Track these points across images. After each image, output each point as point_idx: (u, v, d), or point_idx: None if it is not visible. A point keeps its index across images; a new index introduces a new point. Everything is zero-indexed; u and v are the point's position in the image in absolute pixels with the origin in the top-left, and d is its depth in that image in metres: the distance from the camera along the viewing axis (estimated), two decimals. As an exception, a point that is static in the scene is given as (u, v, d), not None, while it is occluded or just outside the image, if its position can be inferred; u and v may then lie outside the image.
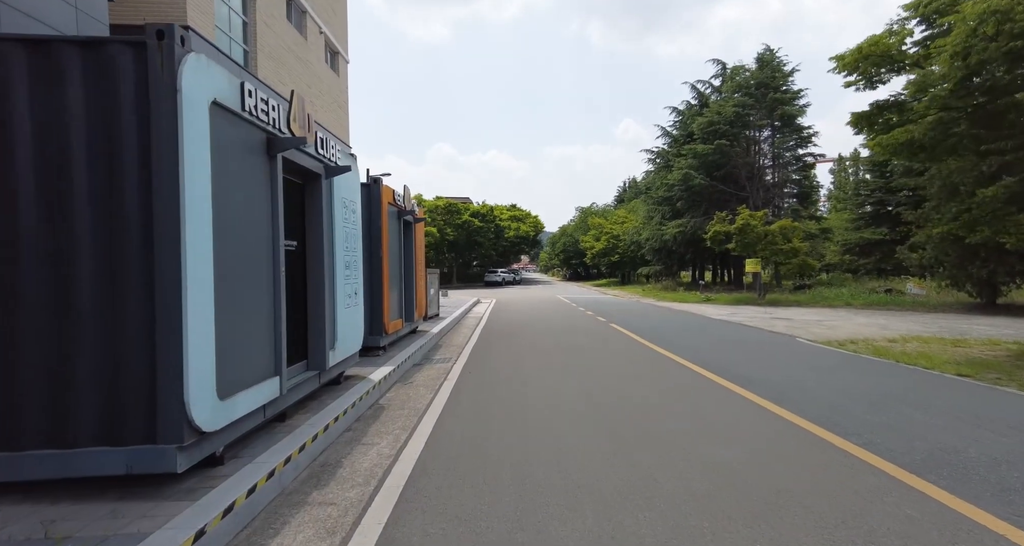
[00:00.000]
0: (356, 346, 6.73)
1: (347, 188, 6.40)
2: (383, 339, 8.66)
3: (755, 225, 23.98)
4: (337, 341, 5.96)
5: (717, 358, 9.14)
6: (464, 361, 9.22)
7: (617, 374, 7.82)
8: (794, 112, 32.20)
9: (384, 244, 8.59)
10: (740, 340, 11.73)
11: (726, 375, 7.58)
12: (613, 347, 10.69)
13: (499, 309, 21.87)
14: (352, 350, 6.58)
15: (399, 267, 9.74)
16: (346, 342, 6.28)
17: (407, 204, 10.02)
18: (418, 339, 10.68)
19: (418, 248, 11.46)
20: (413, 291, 10.96)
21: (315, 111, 16.58)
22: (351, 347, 6.51)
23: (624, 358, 9.29)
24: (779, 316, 18.42)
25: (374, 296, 8.51)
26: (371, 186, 8.47)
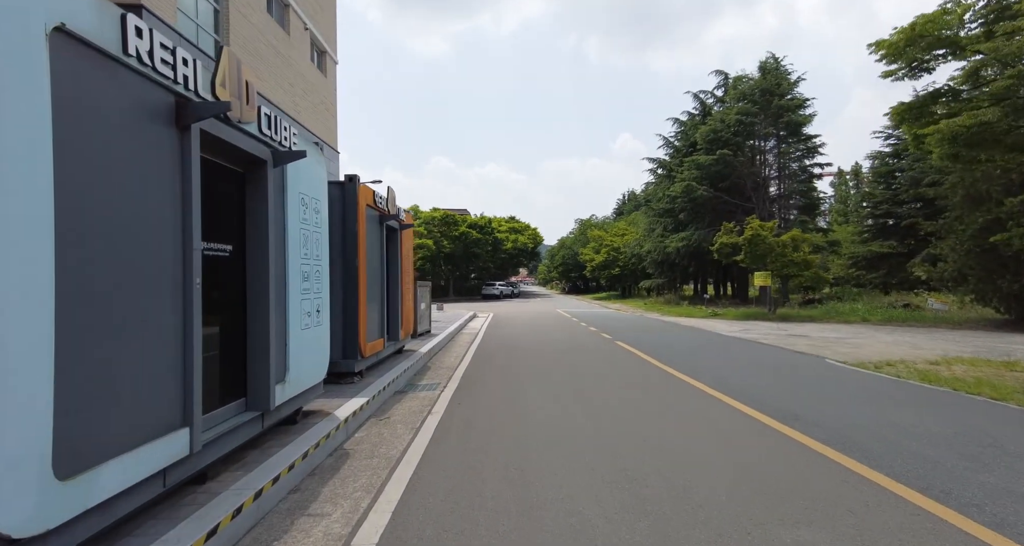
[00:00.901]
0: (319, 375, 5.51)
1: (308, 182, 5.22)
2: (359, 363, 7.43)
3: (765, 236, 22.87)
4: (290, 372, 4.74)
5: (746, 385, 7.91)
6: (454, 388, 7.98)
7: (635, 408, 6.58)
8: (800, 120, 31.33)
9: (361, 252, 7.40)
10: (763, 362, 10.50)
11: (766, 410, 6.35)
12: (624, 371, 9.45)
13: (496, 324, 20.63)
14: (313, 380, 5.36)
15: (380, 279, 8.55)
16: (303, 372, 5.05)
17: (391, 208, 8.86)
18: (403, 361, 9.43)
19: (405, 258, 10.28)
20: (398, 306, 9.75)
21: (299, 110, 15.49)
22: (311, 377, 5.29)
23: (639, 386, 8.05)
24: (795, 333, 17.23)
25: (348, 313, 7.29)
26: (346, 185, 7.31)
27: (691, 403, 6.80)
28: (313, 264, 5.36)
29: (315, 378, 5.41)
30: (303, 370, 5.06)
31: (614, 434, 5.38)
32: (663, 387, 7.87)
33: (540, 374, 9.09)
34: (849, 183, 68.25)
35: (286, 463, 4.11)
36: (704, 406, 6.63)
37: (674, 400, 6.99)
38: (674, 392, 7.50)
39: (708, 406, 6.63)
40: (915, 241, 35.05)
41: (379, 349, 8.39)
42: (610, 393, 7.43)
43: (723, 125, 32.20)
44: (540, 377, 8.78)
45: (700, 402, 6.86)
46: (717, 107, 38.02)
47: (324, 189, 5.72)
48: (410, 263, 10.93)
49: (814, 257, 23.15)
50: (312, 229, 5.35)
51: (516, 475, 4.24)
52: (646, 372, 9.24)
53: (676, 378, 8.59)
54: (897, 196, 34.77)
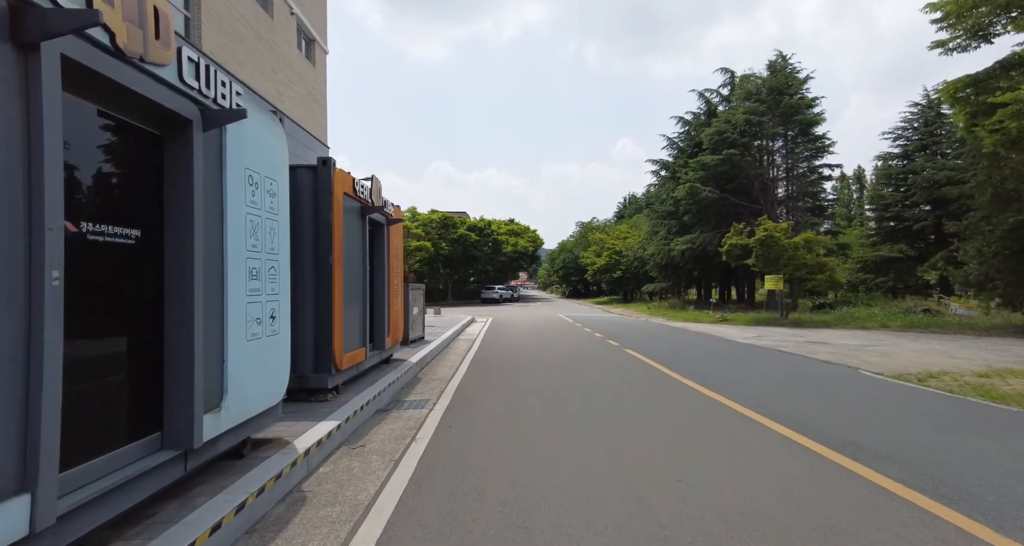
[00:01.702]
0: (274, 396, 4.45)
1: (259, 156, 4.18)
2: (333, 377, 6.36)
3: (779, 238, 21.84)
4: (228, 396, 3.69)
5: (783, 404, 6.85)
6: (445, 406, 6.91)
7: (659, 433, 5.52)
8: (811, 119, 30.36)
9: (336, 248, 6.35)
10: (792, 373, 9.43)
11: (820, 437, 5.28)
12: (639, 384, 8.38)
13: (495, 330, 19.56)
14: (265, 402, 4.30)
15: (362, 280, 7.49)
16: (250, 394, 4.00)
17: (375, 199, 7.81)
18: (389, 372, 8.37)
19: (393, 256, 9.23)
20: (385, 311, 8.69)
21: (283, 100, 14.44)
22: (262, 399, 4.24)
23: (660, 403, 6.98)
24: (813, 339, 16.17)
25: (320, 319, 6.24)
26: (318, 169, 6.26)
27: (729, 429, 5.73)
28: (266, 259, 4.31)
29: (269, 400, 4.35)
30: (250, 392, 4.00)
31: (641, 473, 4.31)
32: (690, 407, 6.80)
33: (543, 388, 8.02)
34: (852, 186, 67.41)
35: (211, 520, 3.05)
36: (745, 433, 5.56)
37: (708, 425, 5.92)
38: (705, 414, 6.43)
39: (750, 433, 5.56)
40: (925, 245, 34.11)
41: (360, 360, 7.32)
42: (628, 415, 6.35)
43: (729, 125, 31.23)
44: (544, 392, 7.71)
45: (739, 428, 5.79)
46: (722, 107, 37.08)
47: (283, 169, 4.67)
48: (400, 263, 9.89)
49: (829, 260, 22.12)
50: (265, 215, 4.30)
51: (519, 538, 3.18)
52: (665, 386, 8.17)
53: (701, 395, 7.52)
54: (908, 198, 33.80)
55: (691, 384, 8.26)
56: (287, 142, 4.81)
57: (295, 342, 6.06)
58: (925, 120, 34.22)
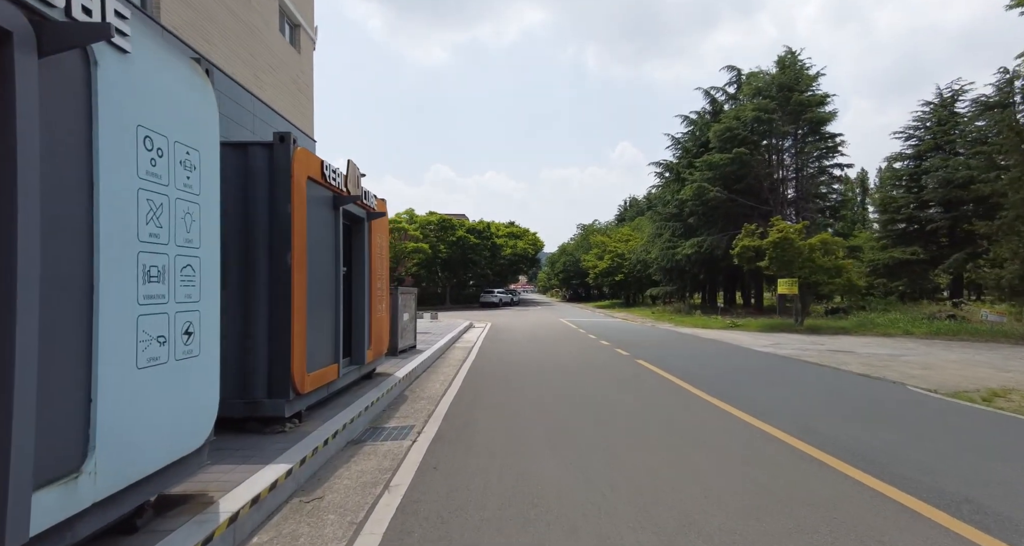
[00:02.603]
0: (190, 441, 3.27)
1: (162, 113, 3.01)
2: (292, 403, 5.17)
3: (794, 239, 20.67)
4: (96, 454, 2.50)
5: (839, 432, 5.65)
6: (432, 435, 5.72)
7: (702, 484, 4.32)
8: (822, 117, 29.26)
9: (297, 245, 5.17)
10: (833, 390, 8.24)
11: (916, 489, 4.09)
12: (660, 406, 7.19)
13: (494, 337, 18.36)
14: (174, 453, 3.12)
15: (333, 283, 6.30)
16: (142, 444, 2.82)
17: (351, 188, 6.64)
18: (369, 391, 7.18)
19: (376, 256, 8.04)
20: (365, 319, 7.50)
21: (262, 86, 13.27)
22: (167, 448, 3.05)
23: (692, 435, 5.78)
24: (835, 348, 15.00)
25: (275, 332, 5.05)
26: (274, 147, 5.09)
27: (795, 476, 4.54)
28: (177, 254, 3.13)
29: (181, 446, 3.17)
30: (144, 440, 2.82)
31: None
32: (731, 439, 5.59)
33: (549, 411, 6.82)
34: (855, 189, 66.39)
35: None
36: (818, 482, 4.37)
37: (756, 464, 4.72)
38: (751, 449, 5.23)
39: (825, 483, 4.36)
40: (937, 247, 32.97)
41: (331, 378, 6.13)
42: (656, 453, 5.16)
43: (739, 122, 30.12)
44: (549, 417, 6.52)
45: (808, 475, 4.60)
46: (729, 105, 36.02)
47: (210, 136, 3.49)
48: (384, 263, 8.70)
49: (847, 262, 20.95)
50: (176, 195, 3.12)
51: None
52: (690, 409, 6.97)
53: (737, 420, 6.32)
54: (921, 198, 32.68)
55: (721, 405, 7.05)
56: (219, 103, 3.64)
57: (245, 361, 4.89)
58: (938, 119, 33.12)
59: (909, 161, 34.43)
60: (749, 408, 6.85)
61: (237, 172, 5.07)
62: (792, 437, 5.48)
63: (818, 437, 5.49)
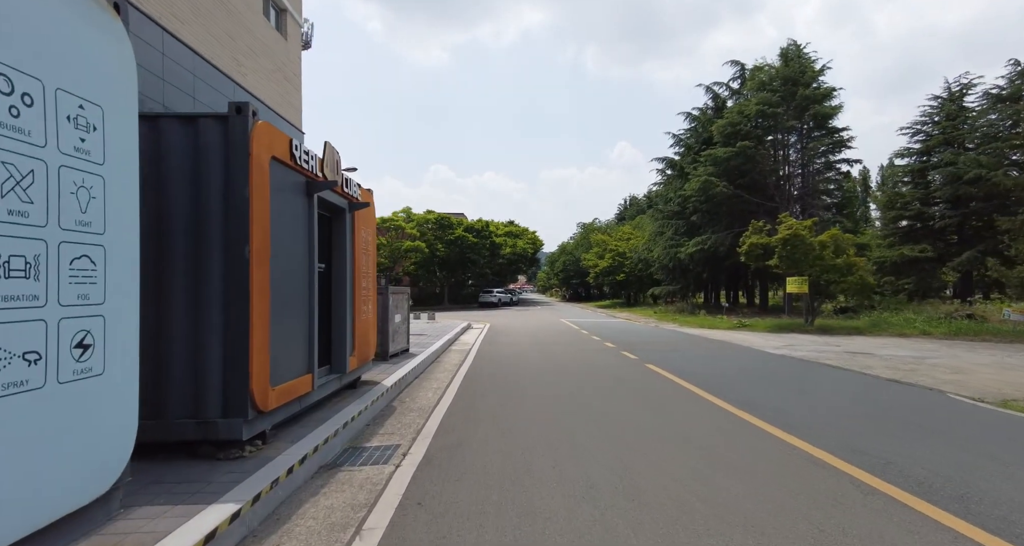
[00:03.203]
0: (84, 490, 2.47)
1: (25, 38, 2.21)
2: (252, 423, 4.37)
3: (804, 236, 19.89)
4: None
5: (888, 449, 4.86)
6: (419, 456, 4.92)
7: (754, 529, 3.52)
8: (828, 111, 28.47)
9: (258, 235, 4.37)
10: (866, 399, 7.45)
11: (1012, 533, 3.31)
12: (681, 420, 6.38)
13: (493, 339, 17.56)
14: (55, 511, 2.32)
15: (306, 281, 5.49)
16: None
17: (329, 173, 5.83)
18: (351, 403, 6.37)
19: (360, 251, 7.23)
20: (347, 321, 6.70)
21: (244, 72, 12.45)
22: (43, 504, 2.25)
23: (719, 455, 4.98)
24: (852, 349, 14.24)
25: (232, 338, 4.25)
26: (230, 119, 4.28)
27: (846, 510, 3.74)
28: (65, 239, 2.33)
29: (72, 498, 2.37)
30: (5, 499, 2.02)
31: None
32: (768, 462, 4.79)
33: (554, 428, 6.02)
34: (857, 189, 65.68)
35: None
36: (881, 519, 3.57)
37: (809, 499, 3.92)
38: (793, 475, 4.43)
39: (891, 522, 3.57)
40: (945, 245, 32.23)
41: (304, 391, 5.33)
42: (686, 479, 4.35)
43: (742, 117, 29.33)
44: (554, 435, 5.72)
45: (863, 506, 3.80)
46: (732, 100, 35.24)
47: (121, 90, 2.68)
48: (371, 260, 7.89)
49: (859, 260, 20.16)
50: (60, 160, 2.32)
51: None
52: (715, 423, 6.17)
53: (771, 436, 5.53)
54: (930, 195, 31.92)
55: (750, 419, 6.25)
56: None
57: (199, 374, 4.09)
58: (947, 113, 32.35)
59: (916, 157, 33.67)
60: (781, 422, 6.05)
61: (185, 150, 4.27)
62: (842, 460, 4.67)
63: (870, 460, 4.69)
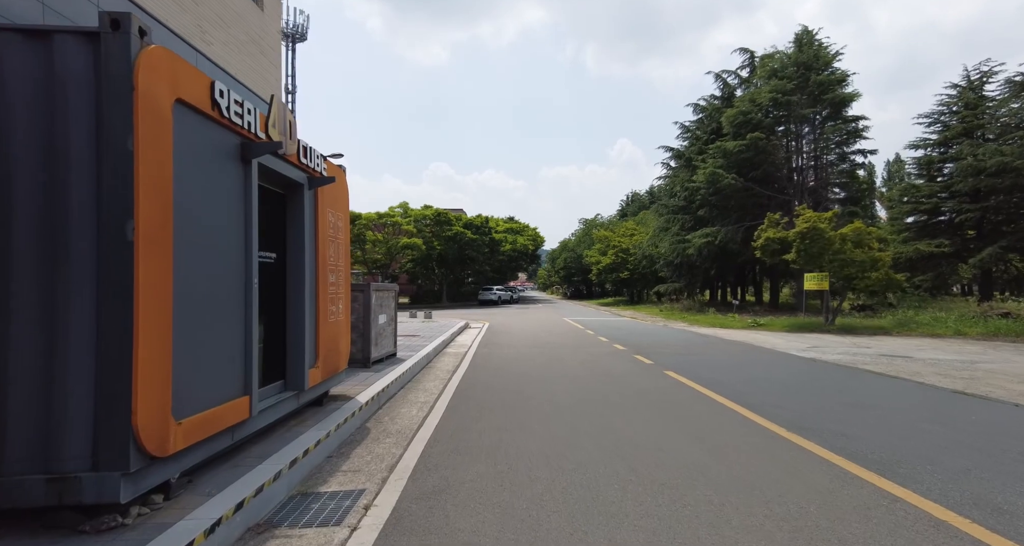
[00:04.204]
0: None
1: None
2: (137, 478, 3.04)
3: (824, 230, 18.56)
4: None
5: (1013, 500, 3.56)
6: (388, 510, 3.61)
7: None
8: (844, 97, 27.07)
9: (150, 206, 3.05)
10: (944, 418, 6.12)
11: None
12: (730, 454, 5.06)
13: (492, 340, 16.23)
14: None
15: (240, 274, 4.15)
16: None
17: (277, 133, 4.49)
18: (310, 429, 5.06)
19: (325, 239, 5.89)
20: (307, 325, 5.37)
21: (209, 41, 11.09)
22: None
23: (811, 520, 3.66)
24: (884, 351, 12.95)
25: (107, 350, 2.93)
26: (104, 41, 2.95)
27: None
28: None
29: None
30: None
31: None
32: (878, 527, 3.48)
33: (571, 462, 4.70)
34: (863, 186, 64.38)
35: None
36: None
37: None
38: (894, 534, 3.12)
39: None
40: (962, 240, 30.91)
41: (236, 419, 4.01)
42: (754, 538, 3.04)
43: (754, 106, 27.95)
44: (573, 473, 4.40)
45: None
46: (741, 90, 33.86)
47: None
48: (342, 250, 6.54)
49: (884, 254, 18.83)
50: None
51: None
52: (768, 450, 4.86)
53: (858, 479, 4.20)
54: (949, 188, 30.54)
55: (819, 451, 4.92)
56: None
57: (49, 407, 2.78)
58: (966, 102, 30.96)
59: (932, 148, 32.25)
60: (857, 455, 4.73)
61: (32, 81, 2.95)
62: (993, 533, 3.34)
63: (968, 502, 3.37)
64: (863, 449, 4.90)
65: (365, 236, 42.48)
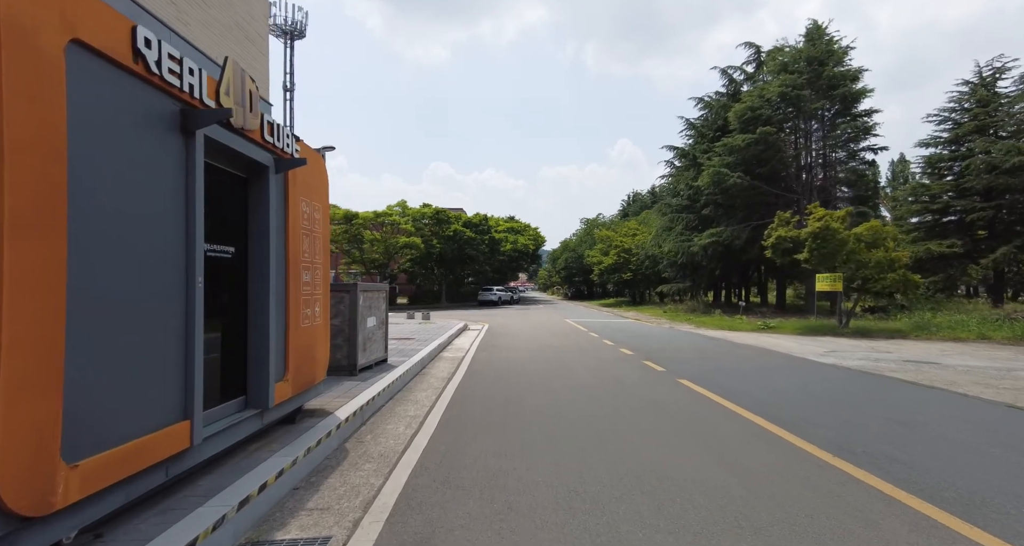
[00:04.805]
0: None
1: None
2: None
3: (838, 229, 17.77)
4: None
5: None
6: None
7: None
8: (856, 93, 26.28)
9: (25, 178, 2.27)
10: (1014, 440, 5.34)
11: None
12: (767, 482, 4.27)
13: (491, 344, 15.45)
14: None
15: (175, 269, 3.37)
16: None
17: (230, 101, 3.72)
18: (273, 455, 4.27)
19: (298, 231, 5.11)
20: (271, 331, 4.58)
21: (186, 21, 10.31)
22: None
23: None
24: (908, 357, 12.18)
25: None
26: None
27: None
28: None
29: None
30: None
31: None
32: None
33: (585, 499, 3.92)
34: (872, 185, 63.60)
35: None
36: None
37: None
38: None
39: None
40: (972, 240, 30.12)
41: (170, 452, 3.23)
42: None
43: (762, 101, 27.16)
44: (590, 515, 3.62)
45: None
46: (747, 85, 33.06)
47: None
48: (320, 245, 5.75)
49: (901, 254, 18.04)
50: None
51: None
52: (819, 483, 4.07)
53: (929, 521, 3.43)
54: (960, 186, 29.74)
55: (881, 485, 4.13)
56: None
57: None
58: (979, 99, 30.16)
59: (943, 146, 31.44)
60: (928, 490, 3.94)
61: None
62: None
63: None
64: (932, 482, 4.11)
65: (363, 235, 41.71)
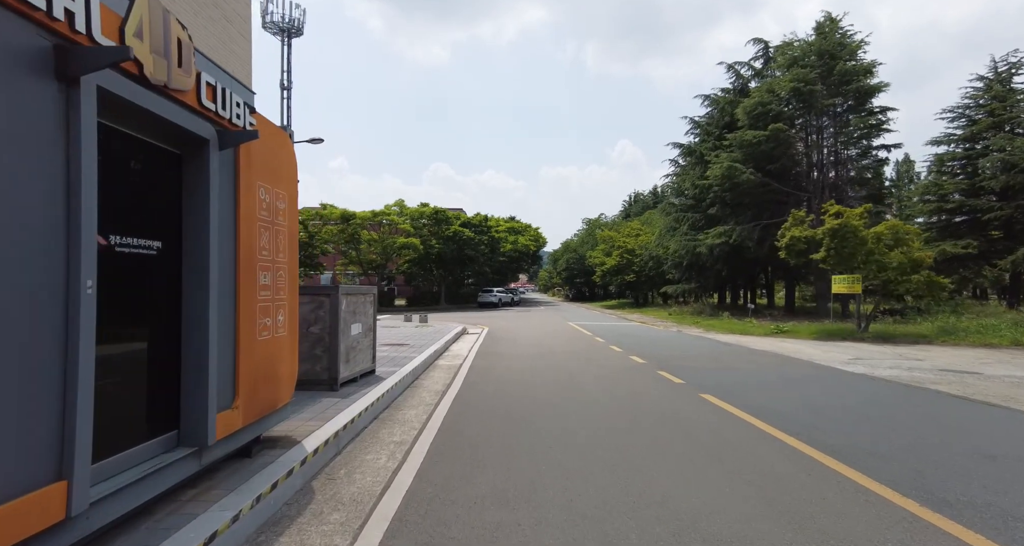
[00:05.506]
0: None
1: None
2: None
3: (856, 227, 16.82)
4: None
5: None
6: None
7: None
8: (870, 88, 25.34)
9: None
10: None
11: None
12: (837, 537, 3.32)
13: (491, 350, 14.49)
14: None
15: (59, 273, 2.44)
16: None
17: (142, 45, 2.77)
18: (211, 505, 3.32)
19: (253, 222, 4.17)
20: (210, 345, 3.62)
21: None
22: None
23: None
24: (942, 365, 11.26)
25: None
26: None
27: None
28: None
29: None
30: None
31: None
32: None
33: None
34: (885, 183, 62.70)
35: None
36: None
37: None
38: None
39: None
40: (988, 241, 29.19)
41: (33, 529, 2.27)
42: None
43: (772, 96, 26.23)
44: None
45: None
46: (755, 82, 32.15)
47: None
48: (285, 240, 4.81)
49: (925, 254, 17.07)
50: None
51: None
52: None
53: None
54: (976, 185, 28.80)
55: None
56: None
57: None
58: (995, 95, 29.21)
59: (957, 144, 30.49)
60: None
61: None
62: None
63: None
64: (1063, 548, 3.16)
65: (360, 236, 40.79)
